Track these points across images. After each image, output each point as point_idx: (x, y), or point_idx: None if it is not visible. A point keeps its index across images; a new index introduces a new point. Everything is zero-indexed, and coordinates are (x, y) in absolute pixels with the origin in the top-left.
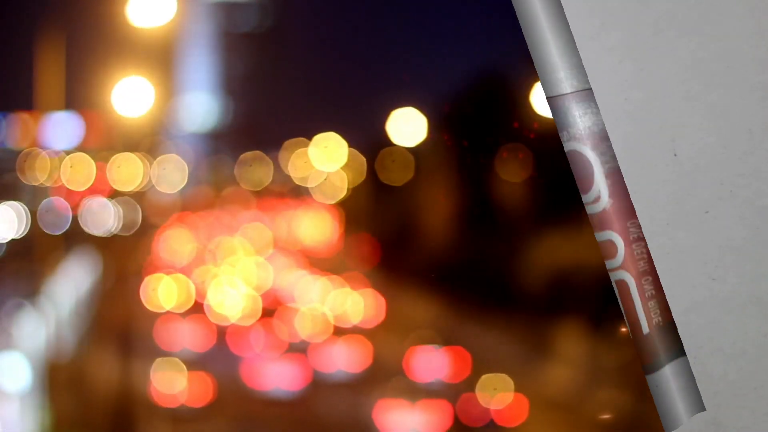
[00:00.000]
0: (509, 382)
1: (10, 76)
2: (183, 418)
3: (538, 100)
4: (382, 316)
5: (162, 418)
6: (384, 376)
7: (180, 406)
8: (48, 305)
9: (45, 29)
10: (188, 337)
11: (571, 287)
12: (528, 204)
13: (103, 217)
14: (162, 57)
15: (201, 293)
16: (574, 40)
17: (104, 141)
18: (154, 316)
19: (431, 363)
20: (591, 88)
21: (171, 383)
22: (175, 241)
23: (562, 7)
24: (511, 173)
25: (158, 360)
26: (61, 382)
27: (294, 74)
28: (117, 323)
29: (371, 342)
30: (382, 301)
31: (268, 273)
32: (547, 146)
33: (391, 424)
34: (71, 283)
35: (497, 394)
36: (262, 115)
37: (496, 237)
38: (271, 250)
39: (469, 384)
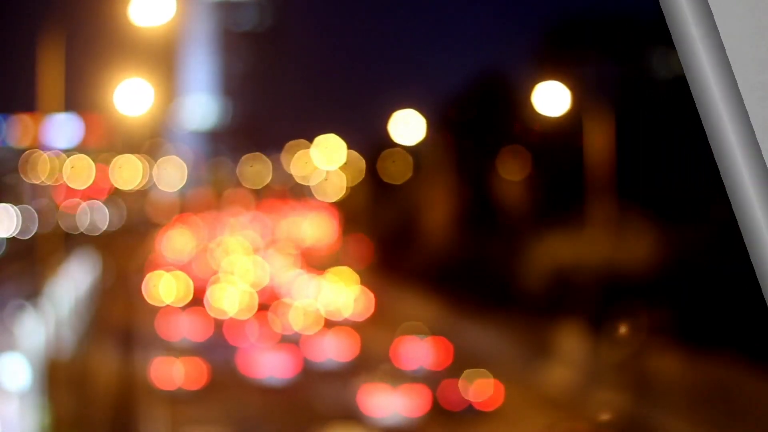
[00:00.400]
0: (487, 374)
1: (13, 79)
2: (179, 400)
3: (539, 101)
4: (372, 311)
5: (160, 399)
6: (371, 364)
7: (177, 389)
8: (49, 304)
9: (46, 33)
10: (188, 329)
11: (568, 286)
12: (528, 204)
13: (99, 218)
14: (162, 58)
15: (202, 289)
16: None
17: (105, 142)
18: (156, 310)
19: (416, 352)
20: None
21: (169, 369)
22: (176, 240)
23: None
24: (512, 174)
25: (158, 348)
26: (62, 379)
27: (295, 76)
28: (120, 317)
29: (361, 333)
30: (372, 296)
31: (266, 271)
32: (548, 147)
33: (374, 407)
34: (72, 281)
35: (476, 382)
36: (263, 117)
37: (496, 237)
38: (269, 250)
39: (451, 372)
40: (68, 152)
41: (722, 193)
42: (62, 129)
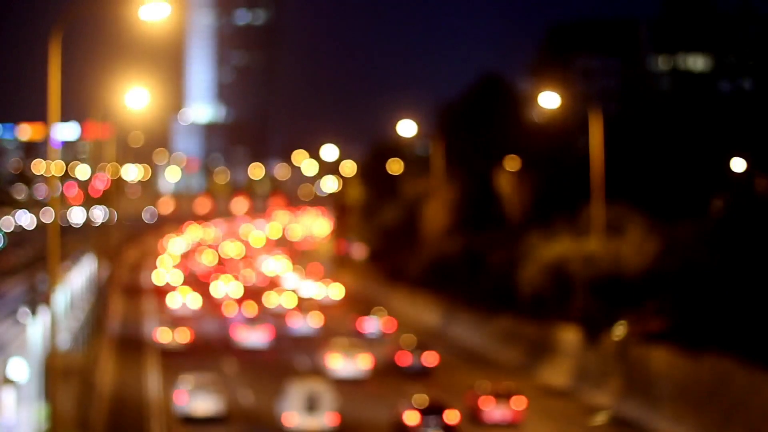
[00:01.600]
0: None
1: (18, 88)
2: (171, 352)
3: (539, 102)
4: (343, 297)
5: (159, 351)
6: (337, 333)
7: (171, 342)
8: (50, 303)
9: (48, 42)
10: (188, 304)
11: (565, 285)
12: (526, 203)
13: (101, 216)
14: (164, 63)
15: (203, 280)
16: None
17: (106, 147)
18: (162, 291)
19: (372, 325)
20: None
21: (168, 331)
22: (178, 241)
23: None
24: (510, 174)
25: (161, 316)
26: (61, 375)
27: (295, 77)
28: (125, 300)
29: (332, 313)
30: (344, 287)
31: (260, 267)
32: (547, 147)
33: (335, 365)
34: (74, 278)
35: (425, 353)
36: (264, 123)
37: (493, 235)
38: (265, 249)
39: (397, 338)
40: (71, 157)
41: (719, 193)
42: (65, 135)
